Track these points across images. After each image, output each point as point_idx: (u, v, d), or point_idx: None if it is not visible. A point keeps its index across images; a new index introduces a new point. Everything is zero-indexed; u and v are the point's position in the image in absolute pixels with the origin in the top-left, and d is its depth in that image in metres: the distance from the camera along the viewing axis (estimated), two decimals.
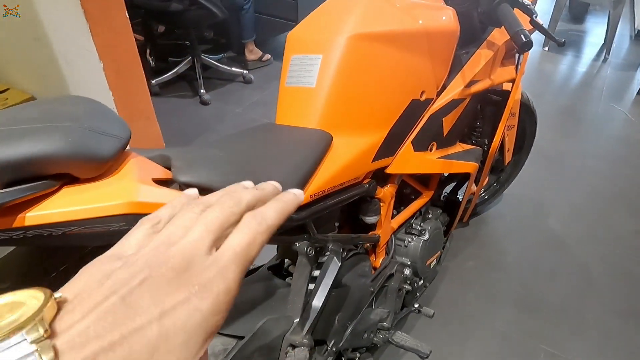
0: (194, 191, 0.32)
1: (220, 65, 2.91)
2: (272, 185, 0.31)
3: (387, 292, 1.03)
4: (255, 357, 0.67)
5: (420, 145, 0.97)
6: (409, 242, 1.10)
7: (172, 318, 0.21)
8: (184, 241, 0.23)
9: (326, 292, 0.77)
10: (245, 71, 2.93)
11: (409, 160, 0.96)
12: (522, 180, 1.84)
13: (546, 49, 3.58)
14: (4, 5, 0.98)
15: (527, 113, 1.49)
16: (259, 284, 0.88)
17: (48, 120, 0.43)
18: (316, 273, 0.82)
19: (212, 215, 0.25)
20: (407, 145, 0.95)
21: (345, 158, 0.80)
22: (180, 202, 0.29)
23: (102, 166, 0.45)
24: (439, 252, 1.21)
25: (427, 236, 1.10)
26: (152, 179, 0.51)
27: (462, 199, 1.26)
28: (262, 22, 3.06)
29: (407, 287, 1.09)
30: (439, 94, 0.99)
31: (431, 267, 1.18)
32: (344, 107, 0.82)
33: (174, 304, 0.21)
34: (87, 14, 1.54)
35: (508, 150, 1.48)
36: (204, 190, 0.56)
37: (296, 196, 0.31)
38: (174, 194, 0.49)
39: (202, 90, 2.72)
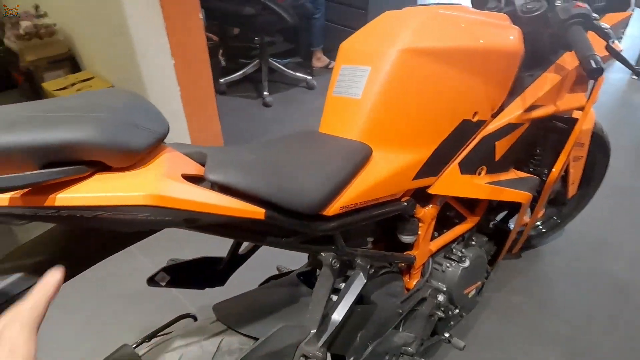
0: None
1: (286, 70, 2.98)
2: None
3: (417, 317, 0.99)
4: None
5: (468, 167, 0.92)
6: (447, 267, 1.05)
7: None
8: None
9: (347, 307, 0.75)
10: (309, 77, 2.98)
11: (454, 183, 0.92)
12: (586, 215, 1.69)
13: (635, 77, 3.28)
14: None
15: (599, 144, 1.37)
16: (285, 289, 0.88)
17: (88, 110, 0.46)
18: (341, 286, 0.80)
19: None
20: (454, 166, 0.91)
21: (383, 173, 0.78)
22: None
23: (132, 157, 0.47)
24: (480, 282, 1.14)
25: (467, 263, 1.04)
26: (182, 174, 0.53)
27: (513, 229, 1.18)
28: (331, 30, 3.10)
29: (440, 314, 1.04)
30: (494, 116, 0.94)
31: (469, 296, 1.12)
32: (387, 121, 0.80)
33: None
34: (164, 13, 1.65)
35: (572, 183, 1.36)
36: (230, 191, 0.57)
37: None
38: (197, 191, 0.51)
39: (265, 93, 2.81)
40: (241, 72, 2.93)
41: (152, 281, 0.83)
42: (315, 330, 0.71)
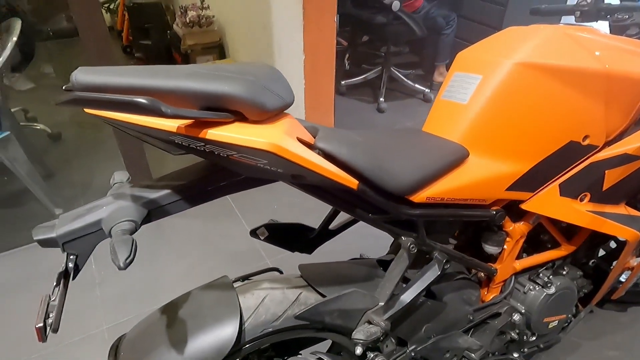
0: None
1: (405, 80, 3.04)
2: None
3: (488, 329, 0.99)
4: (332, 317, 0.76)
5: (570, 191, 0.91)
6: (529, 289, 1.03)
7: None
8: None
9: (417, 292, 0.80)
10: (427, 90, 3.00)
11: (550, 203, 0.91)
12: None
13: None
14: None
15: None
16: (364, 268, 0.96)
17: (239, 73, 0.60)
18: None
19: None
20: (554, 186, 0.90)
21: (475, 176, 0.82)
22: None
23: (265, 114, 0.60)
24: (565, 316, 1.09)
25: (552, 290, 1.01)
26: (297, 137, 0.65)
27: (613, 270, 1.10)
28: (459, 47, 3.07)
29: (514, 334, 1.03)
30: (610, 143, 0.91)
31: (549, 327, 1.07)
32: (488, 129, 0.83)
33: None
34: (305, 14, 1.84)
35: None
36: (334, 160, 0.67)
37: None
38: (306, 151, 0.62)
39: (381, 99, 2.91)
40: (362, 76, 3.07)
41: (253, 233, 0.97)
42: (383, 304, 0.78)
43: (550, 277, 1.03)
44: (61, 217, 0.64)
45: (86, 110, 0.56)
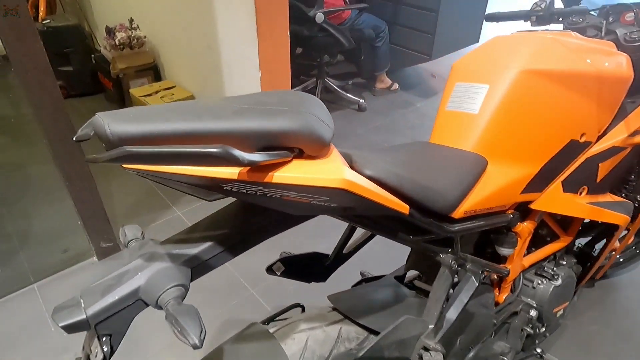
0: None
1: (339, 90, 3.07)
2: None
3: (510, 329, 1.01)
4: (390, 351, 0.72)
5: (571, 186, 0.96)
6: (539, 284, 1.07)
7: None
8: None
9: (461, 307, 0.79)
10: (361, 100, 3.04)
11: (555, 200, 0.95)
12: None
13: None
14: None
15: None
16: (389, 288, 0.94)
17: (287, 105, 0.54)
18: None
19: None
20: (557, 184, 0.94)
21: (498, 184, 0.83)
22: None
23: (324, 148, 0.55)
24: (568, 302, 1.15)
25: (559, 282, 1.06)
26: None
27: (601, 253, 1.19)
28: (395, 52, 3.18)
29: (529, 330, 1.06)
30: (599, 138, 0.97)
31: (557, 316, 1.12)
32: (502, 136, 0.85)
33: None
34: (258, 27, 1.78)
35: None
36: (384, 185, 0.64)
37: None
38: (369, 182, 0.57)
39: None
40: (299, 87, 3.05)
41: (270, 270, 0.90)
42: (433, 326, 0.76)
43: (554, 269, 1.08)
44: (84, 292, 0.53)
45: (126, 166, 0.46)
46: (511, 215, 0.90)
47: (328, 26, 2.64)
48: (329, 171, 0.52)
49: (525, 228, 0.99)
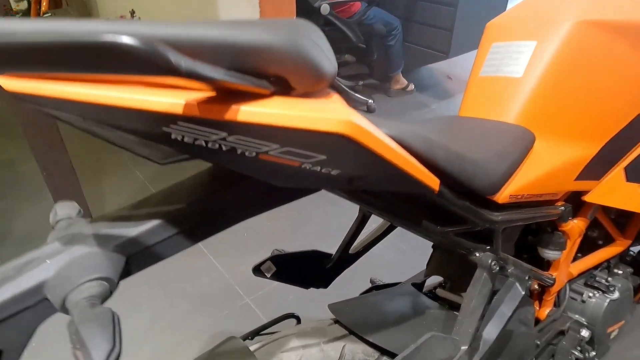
0: None
1: (347, 90, 2.90)
2: None
3: (557, 353, 0.82)
4: None
5: (636, 174, 0.76)
6: (589, 297, 0.87)
7: None
8: None
9: (502, 324, 0.61)
10: (370, 100, 2.87)
11: (616, 191, 0.76)
12: None
13: None
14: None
15: None
16: (406, 297, 0.75)
17: (279, 24, 0.37)
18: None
19: None
20: (618, 170, 0.75)
21: (548, 165, 0.64)
22: None
23: (319, 82, 0.38)
24: (624, 321, 0.94)
25: (616, 295, 0.86)
26: None
27: None
28: (410, 50, 3.02)
29: (578, 354, 0.86)
30: None
31: (611, 337, 0.92)
32: (554, 106, 0.67)
33: None
34: (261, 12, 1.63)
35: None
36: (402, 143, 0.46)
37: None
38: (385, 137, 0.40)
39: None
40: None
41: (257, 270, 0.73)
42: (467, 347, 0.57)
43: (609, 279, 0.88)
44: None
45: (6, 87, 0.29)
46: (563, 208, 0.71)
47: (334, 19, 2.48)
48: (327, 110, 0.35)
49: (576, 226, 0.80)
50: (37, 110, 0.32)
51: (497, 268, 0.59)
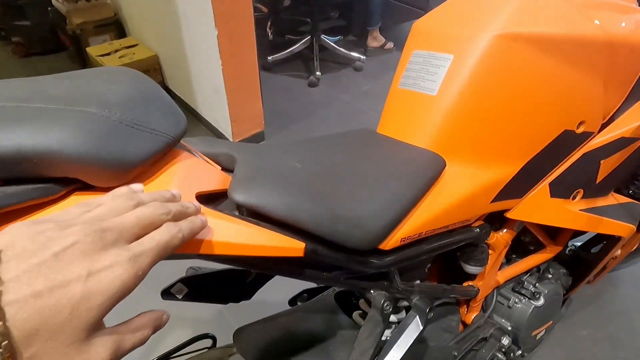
0: (139, 187, 0.33)
1: (338, 48, 2.78)
2: (194, 207, 0.34)
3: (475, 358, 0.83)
4: None
5: (561, 190, 0.73)
6: (515, 303, 0.87)
7: (96, 280, 0.25)
8: (116, 221, 0.28)
9: (399, 357, 0.60)
10: (363, 57, 2.76)
11: (540, 207, 0.73)
12: None
13: None
14: None
15: None
16: (320, 316, 0.74)
17: (72, 100, 0.32)
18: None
19: (144, 212, 0.30)
20: (543, 187, 0.72)
21: (458, 194, 0.61)
22: (121, 192, 0.31)
23: (126, 174, 0.33)
24: (552, 322, 0.95)
25: (541, 302, 0.86)
26: (197, 193, 0.39)
27: (598, 261, 0.98)
28: (389, 7, 2.85)
29: (501, 356, 0.87)
30: (602, 127, 0.74)
31: (537, 338, 0.93)
32: (469, 127, 0.62)
33: (100, 268, 0.25)
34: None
35: None
36: (261, 216, 0.43)
37: (203, 222, 0.34)
38: (210, 227, 0.36)
39: (318, 73, 2.62)
40: (290, 49, 2.73)
41: (166, 293, 0.71)
42: None
43: (537, 285, 0.87)
44: None
45: None
46: (477, 230, 0.69)
47: None
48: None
49: (502, 239, 0.78)
50: None
51: (390, 308, 0.58)
